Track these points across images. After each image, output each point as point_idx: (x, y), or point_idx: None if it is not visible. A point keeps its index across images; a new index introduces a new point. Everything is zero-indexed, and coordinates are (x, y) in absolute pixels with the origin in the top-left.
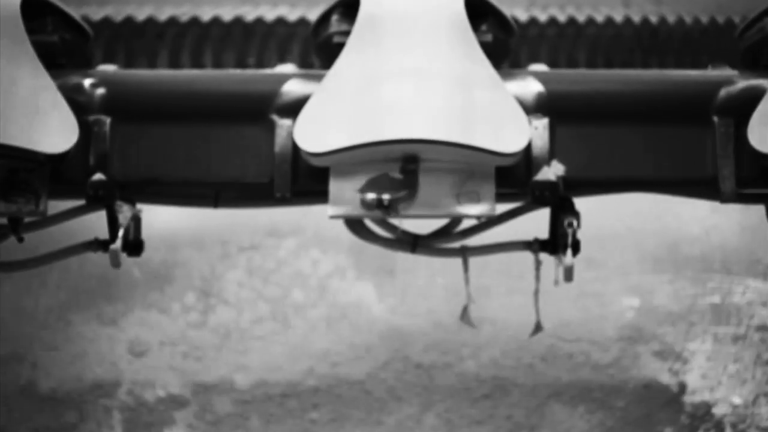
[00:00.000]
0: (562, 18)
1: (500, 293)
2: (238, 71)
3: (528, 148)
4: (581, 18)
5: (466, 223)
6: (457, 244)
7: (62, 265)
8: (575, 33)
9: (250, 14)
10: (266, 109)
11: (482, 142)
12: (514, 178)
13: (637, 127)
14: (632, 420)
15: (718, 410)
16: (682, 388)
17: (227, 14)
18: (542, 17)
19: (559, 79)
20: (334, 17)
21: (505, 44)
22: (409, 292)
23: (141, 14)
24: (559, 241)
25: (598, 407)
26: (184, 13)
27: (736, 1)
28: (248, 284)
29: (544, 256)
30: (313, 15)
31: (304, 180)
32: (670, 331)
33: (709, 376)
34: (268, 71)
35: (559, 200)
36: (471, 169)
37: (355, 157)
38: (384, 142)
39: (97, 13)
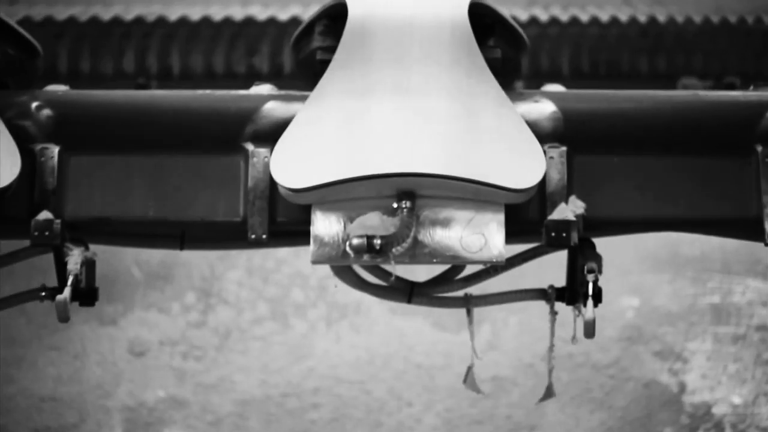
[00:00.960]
0: (544, 18)
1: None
2: (207, 92)
3: (542, 182)
4: (564, 18)
5: (469, 269)
6: (459, 293)
7: None
8: (558, 32)
9: (218, 14)
10: (239, 136)
11: (489, 176)
12: (525, 216)
13: (668, 157)
14: (632, 420)
15: (718, 410)
16: (682, 388)
17: (195, 14)
18: (523, 16)
19: (577, 101)
20: (318, 30)
21: (515, 61)
22: None
23: (107, 14)
24: (578, 289)
25: (598, 407)
26: (151, 12)
27: (734, 2)
28: (248, 284)
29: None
30: (284, 15)
31: (283, 219)
32: (670, 331)
33: (709, 376)
34: (241, 92)
35: (577, 242)
36: (476, 207)
37: (341, 194)
38: (375, 176)
39: (62, 13)
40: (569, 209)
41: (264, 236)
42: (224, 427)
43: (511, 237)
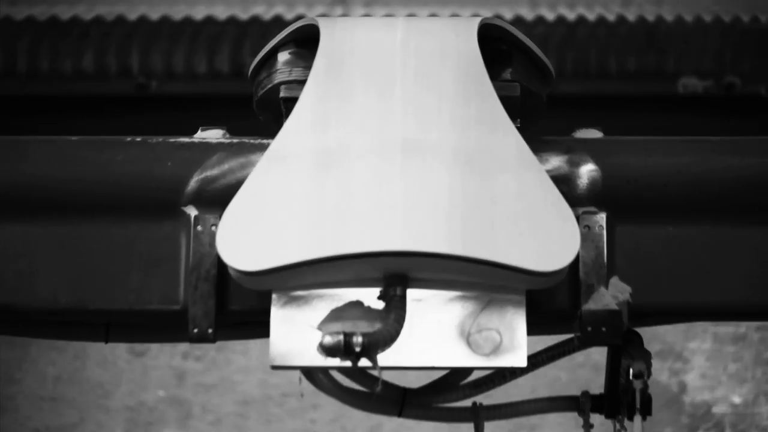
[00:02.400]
0: (551, 17)
1: None
2: (137, 138)
3: (575, 260)
4: (572, 17)
5: (477, 372)
6: (465, 402)
7: None
8: (567, 32)
9: (179, 13)
10: (178, 197)
11: (506, 256)
12: (553, 305)
13: (739, 227)
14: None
15: (718, 410)
16: (682, 387)
17: (155, 13)
18: (529, 16)
19: (621, 151)
20: (282, 59)
21: (538, 98)
22: None
23: (66, 13)
24: (621, 397)
25: None
26: (109, 12)
27: (735, 1)
28: None
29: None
30: (245, 14)
31: (236, 307)
32: (670, 330)
33: (709, 376)
34: (183, 139)
35: (621, 337)
36: (489, 294)
37: (310, 278)
38: (356, 256)
39: (21, 13)
40: (610, 295)
41: (210, 330)
42: (224, 427)
43: (533, 328)
